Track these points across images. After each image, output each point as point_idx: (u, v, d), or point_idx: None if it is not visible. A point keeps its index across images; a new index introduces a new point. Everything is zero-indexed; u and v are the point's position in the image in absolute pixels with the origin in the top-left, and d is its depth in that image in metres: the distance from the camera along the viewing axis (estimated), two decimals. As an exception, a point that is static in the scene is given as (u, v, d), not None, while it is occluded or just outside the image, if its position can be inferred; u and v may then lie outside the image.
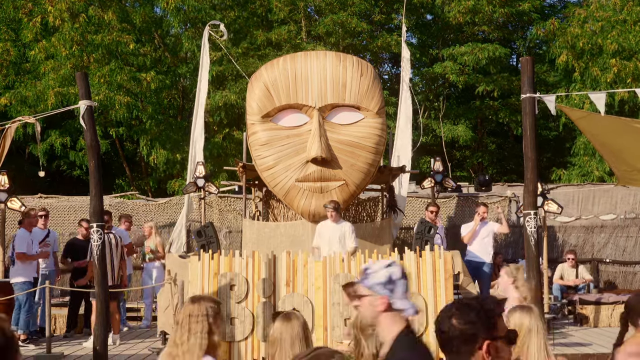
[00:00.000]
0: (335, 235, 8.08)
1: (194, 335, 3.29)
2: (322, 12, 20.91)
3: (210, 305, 3.39)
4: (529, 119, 6.77)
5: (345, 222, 8.34)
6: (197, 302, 3.41)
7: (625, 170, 8.22)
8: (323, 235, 8.15)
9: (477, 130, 23.85)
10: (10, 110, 17.07)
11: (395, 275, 2.75)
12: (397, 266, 2.79)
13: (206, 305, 3.38)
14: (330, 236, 8.09)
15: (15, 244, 9.49)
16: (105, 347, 7.13)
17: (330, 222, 8.16)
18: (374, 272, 2.76)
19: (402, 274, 2.78)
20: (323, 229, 8.18)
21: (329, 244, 8.05)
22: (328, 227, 8.16)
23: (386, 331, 2.73)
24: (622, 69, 15.93)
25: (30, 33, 17.31)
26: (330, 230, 8.12)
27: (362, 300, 2.78)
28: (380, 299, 2.71)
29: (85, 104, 7.21)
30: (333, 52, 9.77)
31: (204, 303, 3.40)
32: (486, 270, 9.93)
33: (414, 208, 13.13)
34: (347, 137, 8.49)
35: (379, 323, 2.75)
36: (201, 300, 3.43)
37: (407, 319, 2.74)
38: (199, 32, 15.39)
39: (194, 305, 3.40)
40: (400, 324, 2.71)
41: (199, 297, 3.53)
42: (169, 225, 12.87)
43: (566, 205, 12.51)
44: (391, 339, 2.69)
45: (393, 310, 2.71)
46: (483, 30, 21.82)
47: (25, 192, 12.66)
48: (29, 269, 9.43)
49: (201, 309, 3.36)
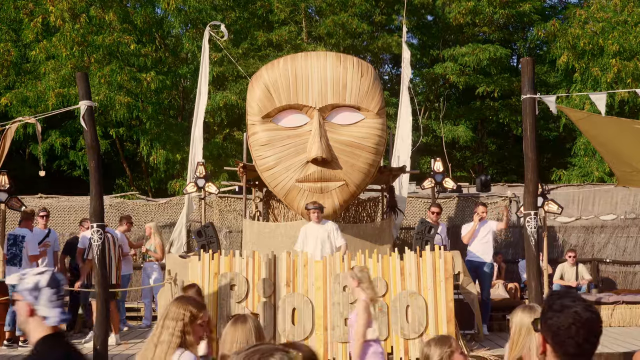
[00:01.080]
0: (322, 236, 8.04)
1: (167, 331, 3.30)
2: (322, 12, 20.92)
3: (190, 306, 3.40)
4: (529, 119, 6.78)
5: (328, 221, 8.28)
6: (177, 302, 3.43)
7: (625, 171, 8.23)
8: (309, 237, 8.08)
9: (478, 130, 23.87)
10: (11, 110, 17.07)
11: (42, 284, 2.85)
12: (48, 275, 2.89)
13: (185, 306, 3.38)
14: (317, 236, 8.03)
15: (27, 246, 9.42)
16: (105, 346, 7.14)
17: (314, 223, 8.11)
18: (25, 278, 2.88)
19: (49, 283, 2.87)
20: (308, 231, 8.11)
21: (316, 244, 7.99)
22: (313, 228, 8.11)
23: (31, 334, 2.88)
24: (623, 69, 15.94)
25: (31, 33, 17.32)
26: (316, 231, 8.07)
27: (16, 304, 2.90)
28: (26, 305, 2.85)
29: (85, 104, 7.22)
30: (333, 52, 9.77)
31: (183, 304, 3.40)
32: (486, 270, 9.94)
33: (414, 208, 13.14)
34: (347, 138, 8.50)
35: (26, 326, 2.89)
36: (181, 301, 3.45)
37: (55, 326, 2.88)
38: (200, 32, 15.41)
39: (174, 304, 3.42)
40: (45, 330, 2.85)
41: (182, 298, 3.54)
42: (169, 225, 12.88)
43: (566, 206, 12.52)
44: (35, 341, 2.85)
45: (37, 316, 2.85)
46: (484, 31, 21.84)
47: (26, 192, 12.67)
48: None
49: (180, 308, 3.37)
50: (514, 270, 12.54)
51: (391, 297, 7.37)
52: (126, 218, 10.72)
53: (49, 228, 10.50)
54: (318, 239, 8.00)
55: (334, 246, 8.03)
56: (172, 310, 3.38)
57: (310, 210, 8.06)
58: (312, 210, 8.04)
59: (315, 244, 7.99)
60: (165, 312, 3.41)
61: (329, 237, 8.05)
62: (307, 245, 8.02)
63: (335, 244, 8.06)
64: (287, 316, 7.30)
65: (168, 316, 3.36)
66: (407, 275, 7.44)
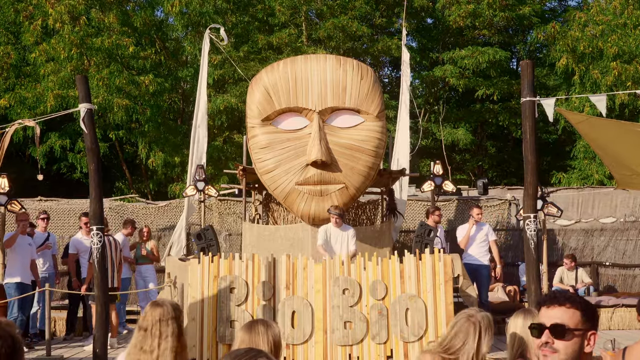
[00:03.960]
0: (341, 240, 8.24)
1: (165, 340, 3.27)
2: (323, 15, 20.93)
3: (175, 308, 3.39)
4: (528, 122, 6.78)
5: (348, 226, 8.49)
6: (163, 306, 3.40)
7: (624, 174, 8.22)
8: (332, 238, 8.29)
9: (477, 133, 23.87)
10: (10, 112, 17.08)
11: None
12: None
13: (172, 308, 3.37)
14: (337, 239, 8.27)
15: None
16: (105, 349, 7.13)
17: (334, 227, 8.28)
18: None
19: None
20: (330, 232, 8.29)
21: (337, 246, 8.23)
22: (334, 230, 8.30)
23: None
24: (623, 72, 15.95)
25: (31, 36, 17.33)
26: (336, 235, 8.28)
27: None
28: None
29: (85, 107, 7.22)
30: (333, 55, 9.77)
31: (169, 306, 3.39)
32: (484, 273, 9.94)
33: (414, 211, 13.15)
34: (347, 141, 8.50)
35: None
36: (165, 304, 3.42)
37: None
38: (201, 35, 15.41)
39: (162, 308, 3.38)
40: None
41: (162, 302, 3.49)
42: (169, 228, 12.88)
43: (566, 209, 12.53)
44: None
45: None
46: (483, 34, 21.85)
47: (26, 195, 12.66)
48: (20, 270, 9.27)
49: (169, 311, 3.35)
50: (513, 273, 12.54)
51: (391, 300, 7.36)
52: (130, 222, 10.69)
53: (48, 231, 10.49)
54: (338, 242, 8.25)
55: (347, 250, 8.18)
56: (161, 313, 3.33)
57: (331, 215, 8.22)
58: (333, 215, 8.21)
59: (338, 246, 8.22)
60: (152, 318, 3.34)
61: (347, 242, 8.26)
62: (325, 245, 8.21)
63: (348, 248, 8.22)
64: (286, 319, 7.29)
65: (162, 320, 3.31)
66: (407, 278, 7.43)
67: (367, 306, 7.32)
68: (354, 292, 7.32)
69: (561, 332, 2.16)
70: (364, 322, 7.24)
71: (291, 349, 7.23)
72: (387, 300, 7.37)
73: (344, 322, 7.21)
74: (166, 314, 3.34)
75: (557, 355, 2.16)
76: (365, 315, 7.28)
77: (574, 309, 2.18)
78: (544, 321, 2.19)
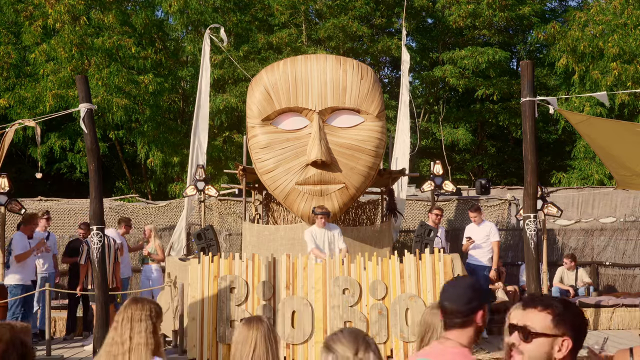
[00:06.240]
0: (326, 240, 8.12)
1: (138, 335, 3.26)
2: (323, 15, 20.94)
3: (153, 307, 3.39)
4: (528, 122, 6.79)
5: (334, 225, 8.35)
6: (140, 303, 3.40)
7: (624, 175, 8.22)
8: (317, 239, 8.15)
9: (477, 133, 23.88)
10: (10, 112, 17.09)
11: None
12: None
13: (149, 306, 3.37)
14: (323, 240, 8.13)
15: (12, 247, 9.40)
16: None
17: (318, 228, 8.16)
18: None
19: None
20: (315, 233, 8.16)
21: (324, 247, 8.10)
22: (318, 231, 8.17)
23: None
24: (623, 72, 15.95)
25: (31, 36, 17.34)
26: (321, 236, 8.15)
27: None
28: None
29: (85, 107, 7.22)
30: (333, 55, 9.78)
31: (147, 304, 3.39)
32: (485, 274, 9.92)
33: (414, 211, 13.15)
34: (347, 140, 8.50)
35: None
36: (144, 301, 3.42)
37: None
38: (201, 35, 15.42)
39: (137, 305, 3.38)
40: None
41: (141, 299, 3.50)
42: (169, 228, 12.87)
43: (566, 209, 12.53)
44: None
45: None
46: (483, 34, 21.86)
47: (26, 194, 12.67)
48: (23, 271, 9.31)
49: (144, 308, 3.35)
50: (513, 273, 12.54)
51: (391, 300, 7.36)
52: (125, 220, 10.70)
53: (48, 231, 10.49)
54: (326, 242, 8.10)
55: (337, 249, 8.09)
56: (134, 309, 3.32)
57: (317, 215, 8.11)
58: (319, 215, 8.09)
59: (326, 246, 8.09)
60: (125, 313, 3.33)
61: (334, 241, 8.15)
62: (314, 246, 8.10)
63: (337, 247, 8.14)
64: (286, 319, 7.30)
65: (134, 315, 3.31)
66: (407, 278, 7.44)
67: (367, 306, 7.33)
68: (354, 292, 7.33)
69: (525, 334, 2.17)
70: (364, 322, 7.25)
71: (291, 348, 7.24)
72: (387, 300, 7.37)
73: (344, 322, 7.22)
74: (140, 309, 3.34)
75: (521, 358, 2.16)
76: (365, 315, 7.29)
77: (546, 313, 2.16)
78: (515, 322, 2.20)
